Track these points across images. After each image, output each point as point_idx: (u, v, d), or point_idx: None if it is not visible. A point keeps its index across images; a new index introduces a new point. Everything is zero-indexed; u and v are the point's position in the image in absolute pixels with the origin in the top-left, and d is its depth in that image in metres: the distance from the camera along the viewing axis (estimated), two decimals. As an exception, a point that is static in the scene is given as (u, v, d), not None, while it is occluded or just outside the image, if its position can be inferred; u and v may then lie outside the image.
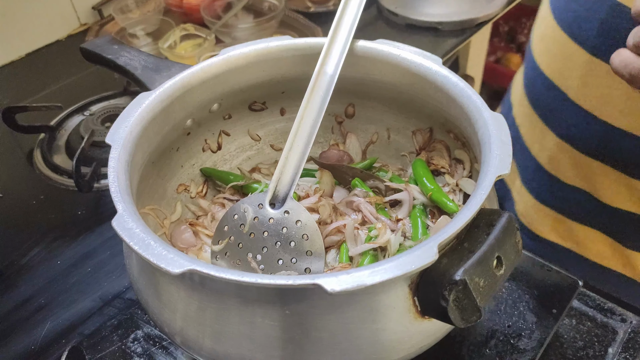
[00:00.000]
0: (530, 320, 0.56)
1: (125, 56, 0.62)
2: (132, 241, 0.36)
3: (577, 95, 0.62)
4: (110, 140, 0.45)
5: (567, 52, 0.62)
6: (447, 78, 0.50)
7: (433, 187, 0.56)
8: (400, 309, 0.37)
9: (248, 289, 0.36)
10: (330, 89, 0.54)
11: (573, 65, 0.62)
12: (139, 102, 0.49)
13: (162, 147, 0.54)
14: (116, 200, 0.40)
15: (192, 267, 0.34)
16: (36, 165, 0.81)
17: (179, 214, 0.58)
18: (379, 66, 0.55)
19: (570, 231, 0.72)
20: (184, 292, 0.39)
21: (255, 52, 0.56)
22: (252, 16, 1.10)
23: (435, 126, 0.59)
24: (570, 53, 0.62)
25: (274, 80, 0.59)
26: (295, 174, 0.51)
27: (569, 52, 0.62)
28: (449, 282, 0.35)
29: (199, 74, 0.53)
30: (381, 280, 0.33)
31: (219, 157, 0.63)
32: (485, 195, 0.38)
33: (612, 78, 0.56)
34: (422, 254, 0.34)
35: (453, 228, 0.36)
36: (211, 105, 0.58)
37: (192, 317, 0.39)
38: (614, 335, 0.57)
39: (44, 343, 0.57)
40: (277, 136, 0.65)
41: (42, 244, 0.68)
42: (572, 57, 0.62)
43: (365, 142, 0.65)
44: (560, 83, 0.65)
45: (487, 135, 0.43)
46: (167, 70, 0.58)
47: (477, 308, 0.36)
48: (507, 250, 0.39)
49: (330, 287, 0.32)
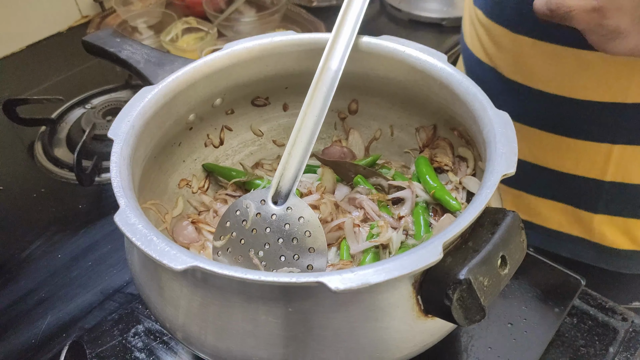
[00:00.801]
0: (532, 319, 0.56)
1: (127, 50, 0.62)
2: (134, 237, 0.36)
3: (510, 71, 0.67)
4: (112, 135, 0.45)
5: (494, 35, 0.67)
6: (452, 75, 0.50)
7: (436, 184, 0.55)
8: (403, 307, 0.37)
9: (251, 286, 0.36)
10: (334, 84, 0.54)
11: (502, 46, 0.67)
12: (142, 96, 0.49)
13: (164, 142, 0.54)
14: (118, 196, 0.39)
15: (195, 264, 0.34)
16: (37, 158, 0.81)
17: (181, 209, 0.58)
18: (383, 62, 0.55)
19: (527, 204, 0.75)
20: (186, 289, 0.39)
21: (259, 47, 0.55)
22: (255, 10, 1.10)
23: (439, 123, 0.59)
24: (497, 35, 0.67)
25: (278, 76, 0.58)
26: (298, 171, 0.50)
27: (496, 35, 0.67)
28: (453, 281, 0.35)
29: (202, 69, 0.53)
30: (385, 279, 0.33)
31: (221, 152, 0.63)
32: (491, 194, 0.38)
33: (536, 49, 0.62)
34: (426, 253, 0.34)
35: (458, 227, 0.36)
36: (214, 100, 0.58)
37: (195, 313, 0.39)
38: (614, 334, 0.57)
39: (44, 337, 0.57)
40: (279, 132, 0.65)
41: (43, 238, 0.68)
42: (499, 39, 0.66)
43: (368, 138, 0.64)
44: (494, 64, 0.69)
45: (492, 133, 0.43)
46: (170, 65, 0.57)
47: (481, 307, 0.36)
48: (512, 250, 0.38)
49: (334, 285, 0.32)
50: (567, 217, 0.72)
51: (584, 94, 0.61)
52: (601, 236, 0.70)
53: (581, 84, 0.61)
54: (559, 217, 0.73)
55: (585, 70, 0.60)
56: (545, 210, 0.74)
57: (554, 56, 0.61)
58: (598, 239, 0.71)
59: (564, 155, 0.67)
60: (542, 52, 0.61)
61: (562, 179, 0.69)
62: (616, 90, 0.59)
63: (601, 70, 0.59)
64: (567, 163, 0.68)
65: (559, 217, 0.73)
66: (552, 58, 0.61)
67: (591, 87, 0.60)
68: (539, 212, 0.74)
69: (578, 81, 0.61)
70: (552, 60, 0.61)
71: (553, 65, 0.62)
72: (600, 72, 0.59)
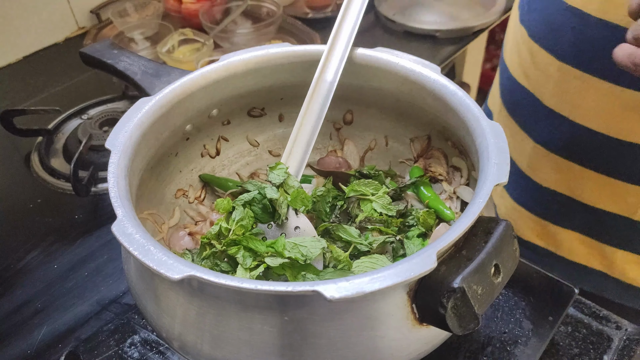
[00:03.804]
0: (527, 327, 0.56)
1: (125, 61, 0.62)
2: (132, 247, 0.36)
3: (551, 101, 0.65)
4: (110, 145, 0.45)
5: (540, 60, 0.65)
6: (446, 87, 0.50)
7: (430, 194, 0.56)
8: (398, 316, 0.38)
9: (247, 295, 0.36)
10: (329, 95, 0.55)
11: (546, 72, 0.64)
12: (139, 107, 0.49)
13: (161, 152, 0.54)
14: (116, 206, 0.40)
15: (191, 273, 0.34)
16: (34, 168, 0.81)
17: (177, 219, 0.58)
18: (377, 74, 0.56)
19: (550, 233, 0.74)
20: (183, 298, 0.39)
21: (255, 59, 0.56)
22: (251, 22, 1.11)
23: (433, 134, 0.59)
24: (542, 62, 0.64)
25: (274, 87, 0.59)
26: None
27: (542, 61, 0.65)
28: (447, 290, 0.36)
29: (199, 80, 0.53)
30: (380, 288, 0.33)
31: (218, 163, 0.63)
32: (484, 204, 0.39)
33: (583, 83, 0.60)
34: (421, 261, 0.35)
35: (452, 236, 0.36)
36: (210, 110, 0.58)
37: (191, 322, 0.40)
38: (609, 342, 0.57)
39: (40, 348, 0.57)
40: (275, 142, 0.66)
41: (40, 248, 0.68)
42: (544, 66, 0.64)
43: (363, 148, 0.65)
44: (534, 90, 0.67)
45: (485, 143, 0.44)
46: (166, 76, 0.58)
47: (475, 315, 0.36)
48: (505, 258, 0.39)
49: (330, 294, 0.32)
50: (591, 251, 0.71)
51: (630, 136, 0.59)
52: (622, 272, 0.70)
53: (628, 125, 0.59)
54: (583, 249, 0.71)
55: (633, 111, 0.58)
56: (569, 242, 0.72)
57: (603, 93, 0.59)
58: (618, 274, 0.70)
59: (601, 192, 0.65)
60: (591, 87, 0.59)
61: (593, 213, 0.67)
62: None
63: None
64: (602, 200, 0.66)
65: (582, 250, 0.71)
66: (601, 95, 0.59)
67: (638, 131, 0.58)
68: (563, 243, 0.73)
69: (625, 122, 0.59)
70: (600, 97, 0.59)
71: (601, 103, 0.59)
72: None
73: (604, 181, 0.64)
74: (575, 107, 0.62)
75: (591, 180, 0.65)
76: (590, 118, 0.62)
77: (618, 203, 0.65)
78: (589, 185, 0.66)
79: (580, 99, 0.61)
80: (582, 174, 0.66)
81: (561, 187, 0.69)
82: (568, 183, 0.68)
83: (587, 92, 0.60)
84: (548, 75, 0.64)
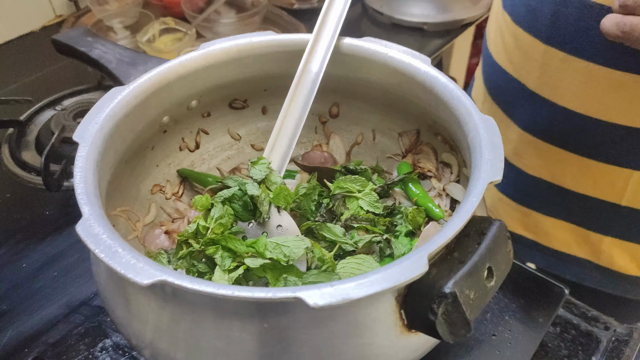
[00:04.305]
0: (516, 330, 0.55)
1: (99, 49, 0.59)
2: (97, 248, 0.33)
3: (535, 85, 0.65)
4: (78, 138, 0.42)
5: (523, 44, 0.65)
6: (437, 79, 0.48)
7: (419, 191, 0.54)
8: (386, 322, 0.35)
9: (224, 302, 0.33)
10: (314, 87, 0.53)
11: (530, 56, 0.64)
12: (112, 97, 0.46)
13: (135, 145, 0.51)
14: (82, 203, 0.37)
15: (162, 278, 0.32)
16: (3, 161, 0.77)
17: (153, 216, 0.55)
18: (365, 65, 0.53)
19: (535, 223, 0.73)
20: (154, 303, 0.36)
21: (237, 48, 0.53)
22: (235, 11, 1.07)
23: (423, 128, 0.57)
24: (526, 45, 0.64)
25: (256, 78, 0.57)
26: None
27: (525, 44, 0.64)
28: (438, 295, 0.34)
29: (177, 69, 0.51)
30: (368, 294, 0.31)
31: (197, 157, 0.61)
32: (477, 203, 0.36)
33: (567, 64, 0.59)
34: (411, 265, 0.32)
35: (443, 237, 0.34)
36: (189, 102, 0.55)
37: (164, 329, 0.37)
38: (597, 343, 0.56)
39: (4, 353, 0.54)
40: (258, 135, 0.63)
41: (7, 246, 0.65)
42: (528, 49, 0.64)
43: (349, 143, 0.63)
44: (518, 75, 0.67)
45: (478, 138, 0.42)
46: (143, 65, 0.55)
47: (467, 322, 0.34)
48: (499, 261, 0.37)
49: (313, 301, 0.30)
50: (576, 238, 0.70)
51: (612, 116, 0.59)
52: (609, 259, 0.69)
53: (610, 105, 0.58)
54: (567, 237, 0.71)
55: (617, 91, 0.57)
56: (553, 230, 0.72)
57: (585, 73, 0.58)
58: (605, 262, 0.70)
59: (584, 176, 0.65)
60: (573, 68, 0.59)
61: (577, 199, 0.67)
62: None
63: (633, 94, 0.57)
64: (585, 184, 0.65)
65: (567, 238, 0.71)
66: (583, 75, 0.58)
67: (620, 110, 0.58)
68: (547, 231, 0.73)
69: (607, 102, 0.59)
70: (582, 78, 0.59)
71: (583, 83, 0.59)
72: (632, 96, 0.57)
73: (587, 165, 0.64)
74: (558, 90, 0.62)
75: (572, 163, 0.65)
76: (572, 99, 0.61)
77: (602, 187, 0.65)
78: (571, 170, 0.66)
79: (562, 81, 0.61)
80: (563, 158, 0.65)
81: (544, 173, 0.69)
82: (550, 168, 0.68)
83: (569, 73, 0.60)
84: (532, 59, 0.64)
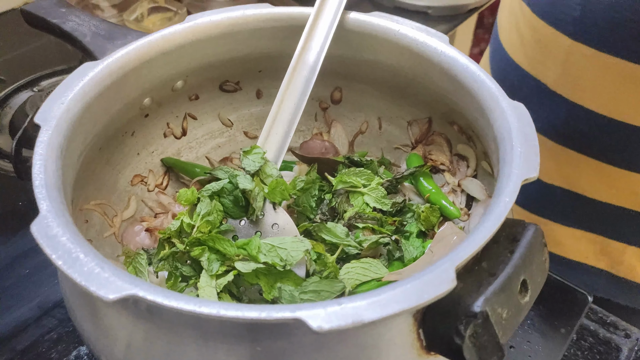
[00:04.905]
0: (536, 342, 0.50)
1: (73, 21, 0.53)
2: (54, 254, 0.28)
3: (555, 83, 0.60)
4: (40, 120, 0.36)
5: (544, 38, 0.60)
6: (455, 60, 0.43)
7: (431, 187, 0.48)
8: (401, 344, 0.30)
9: (208, 321, 0.28)
10: (315, 68, 0.48)
11: (551, 52, 0.60)
12: (82, 73, 0.41)
13: (112, 130, 0.46)
14: (39, 197, 0.31)
15: (132, 292, 0.26)
16: (-27, 146, 0.71)
17: (133, 210, 0.50)
18: (373, 43, 0.48)
19: (550, 232, 0.70)
20: (126, 319, 0.31)
21: (228, 21, 0.48)
22: (229, -11, 1.01)
23: (435, 116, 0.52)
24: (547, 39, 0.60)
25: (250, 56, 0.51)
26: (273, 168, 0.43)
27: (546, 38, 0.60)
28: (465, 314, 0.28)
29: (159, 43, 0.45)
30: (383, 316, 0.25)
31: (184, 144, 0.56)
32: (511, 204, 0.31)
33: (594, 61, 0.54)
34: (435, 279, 0.27)
35: (473, 245, 0.29)
36: (174, 82, 0.50)
37: (137, 348, 0.31)
38: (617, 352, 0.53)
39: (-35, 361, 0.49)
40: (252, 122, 0.58)
41: (-26, 240, 0.59)
42: (549, 43, 0.60)
43: (353, 132, 0.58)
44: (535, 71, 0.63)
45: (507, 128, 0.36)
46: (122, 39, 0.49)
47: (499, 346, 0.29)
48: (534, 272, 0.32)
49: (317, 324, 0.24)
50: (594, 248, 0.67)
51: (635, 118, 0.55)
52: (630, 270, 0.65)
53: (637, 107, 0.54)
54: (584, 247, 0.67)
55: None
56: (569, 240, 0.68)
57: (614, 72, 0.54)
58: (625, 273, 0.66)
59: (600, 182, 0.61)
60: (601, 66, 0.54)
61: (596, 207, 0.63)
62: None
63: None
64: (604, 191, 0.62)
65: (583, 248, 0.67)
66: (612, 74, 0.54)
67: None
68: (561, 241, 0.69)
69: (634, 104, 0.54)
70: (610, 76, 0.54)
71: (610, 82, 0.54)
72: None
73: (607, 171, 0.60)
74: (580, 88, 0.58)
75: (592, 169, 0.61)
76: (595, 100, 0.57)
77: (624, 195, 0.61)
78: (589, 176, 0.62)
79: (586, 79, 0.57)
80: (582, 164, 0.61)
81: (558, 179, 0.65)
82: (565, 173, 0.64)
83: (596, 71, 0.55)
84: (553, 55, 0.59)
